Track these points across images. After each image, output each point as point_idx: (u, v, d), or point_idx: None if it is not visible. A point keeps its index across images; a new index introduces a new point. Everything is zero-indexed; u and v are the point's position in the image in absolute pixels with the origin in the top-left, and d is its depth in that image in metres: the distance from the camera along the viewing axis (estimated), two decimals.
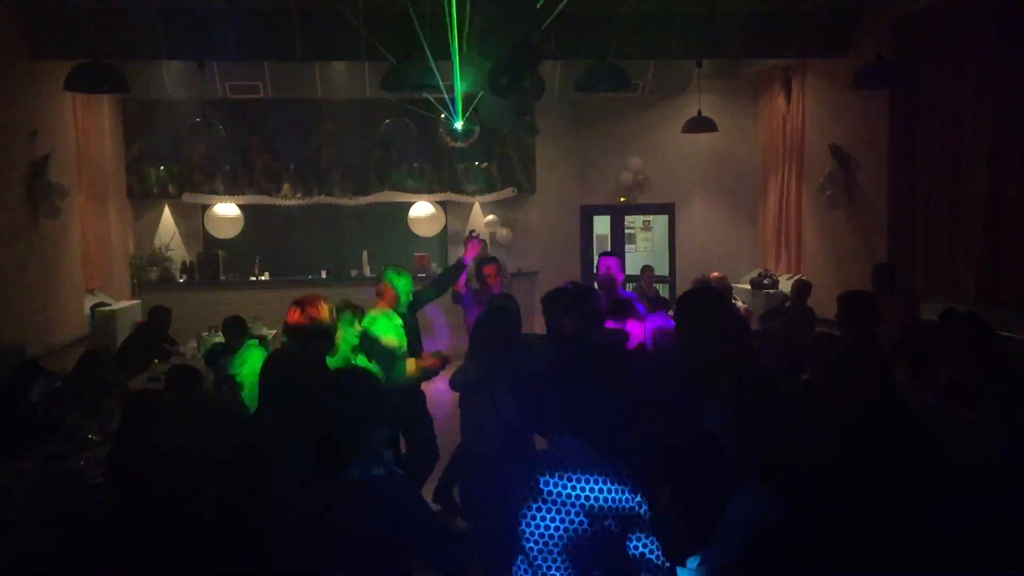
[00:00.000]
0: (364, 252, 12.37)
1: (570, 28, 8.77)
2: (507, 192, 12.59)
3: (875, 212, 9.29)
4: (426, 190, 12.44)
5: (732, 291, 9.91)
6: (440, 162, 12.42)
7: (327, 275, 12.16)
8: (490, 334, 4.39)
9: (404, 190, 12.38)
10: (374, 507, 2.83)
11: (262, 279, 12.14)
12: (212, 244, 12.29)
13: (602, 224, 13.27)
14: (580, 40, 8.86)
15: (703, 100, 10.80)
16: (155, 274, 11.76)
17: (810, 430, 3.28)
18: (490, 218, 12.52)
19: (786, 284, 10.68)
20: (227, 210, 12.03)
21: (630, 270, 10.35)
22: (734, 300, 9.35)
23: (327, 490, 2.87)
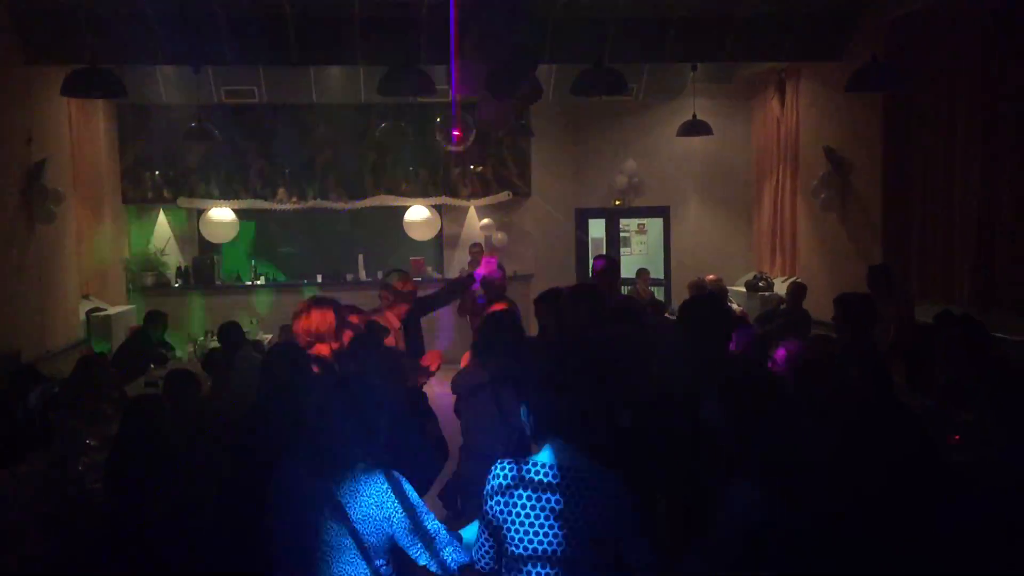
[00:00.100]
0: (360, 256, 12.37)
1: (565, 32, 8.80)
2: (502, 196, 12.59)
3: (869, 214, 9.31)
4: (421, 194, 12.43)
5: (728, 293, 9.93)
6: (435, 166, 12.42)
7: (322, 279, 12.16)
8: (494, 337, 4.39)
9: (399, 194, 12.38)
10: (371, 507, 2.84)
11: (257, 283, 12.14)
12: (207, 249, 12.27)
13: (597, 227, 13.29)
14: (575, 44, 8.88)
15: (697, 104, 10.84)
16: (150, 279, 11.72)
17: (808, 430, 3.30)
18: (485, 222, 12.52)
19: (781, 287, 10.70)
20: (222, 215, 12.02)
21: (625, 273, 10.36)
22: (730, 303, 9.37)
23: (326, 491, 2.87)
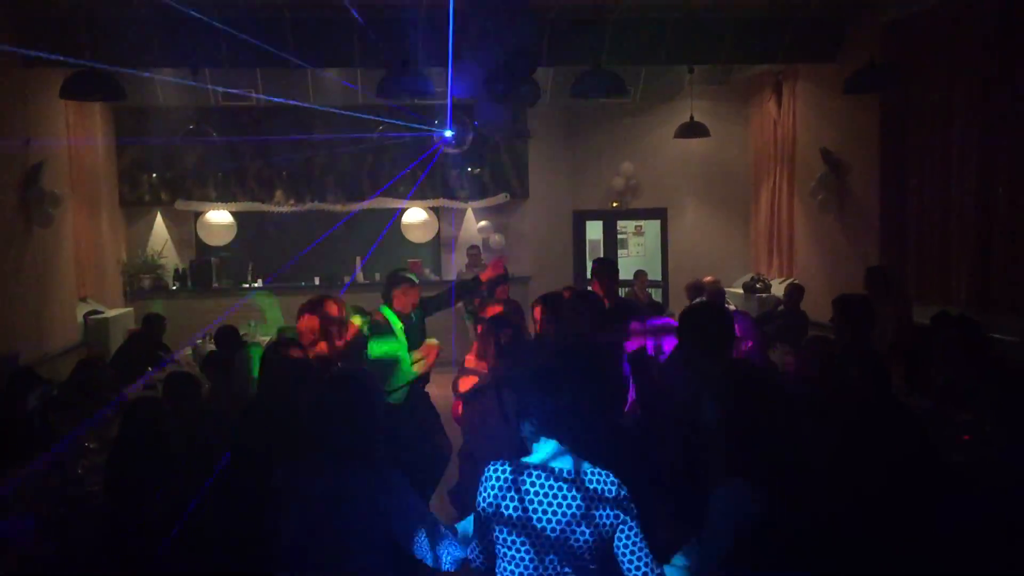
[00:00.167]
0: (357, 258, 12.37)
1: (562, 35, 8.82)
2: (500, 198, 12.60)
3: (867, 216, 9.32)
4: (419, 196, 12.44)
5: (725, 295, 9.95)
6: (433, 168, 12.43)
7: (320, 281, 12.16)
8: (497, 340, 4.38)
9: (397, 196, 12.39)
10: (371, 505, 2.84)
11: (255, 286, 12.12)
12: (205, 251, 12.27)
13: (595, 229, 13.30)
14: (572, 47, 8.90)
15: (695, 106, 10.87)
16: (148, 282, 11.72)
17: (806, 430, 3.30)
18: (483, 224, 12.53)
19: (778, 288, 10.72)
20: (220, 217, 12.02)
21: (623, 275, 10.36)
22: (727, 304, 9.39)
23: (327, 488, 2.87)
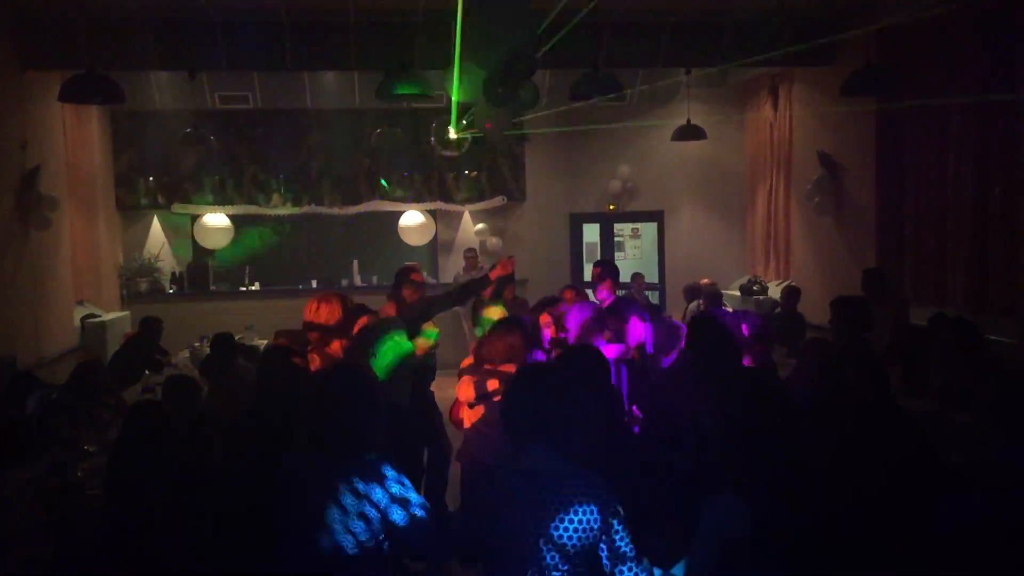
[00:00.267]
0: (355, 261, 12.37)
1: (560, 37, 8.81)
2: (497, 201, 12.60)
3: (863, 218, 9.35)
4: (416, 199, 12.44)
5: (722, 297, 9.96)
6: (430, 171, 12.43)
7: (317, 284, 12.14)
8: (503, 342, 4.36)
9: (394, 199, 12.39)
10: (367, 497, 2.85)
11: (252, 289, 12.12)
12: (202, 254, 12.26)
13: (591, 232, 13.31)
14: (570, 49, 8.89)
15: (691, 108, 10.87)
16: (144, 285, 11.70)
17: (803, 433, 3.31)
18: (480, 227, 12.53)
19: (775, 290, 10.74)
20: (217, 220, 12.01)
21: (620, 278, 10.36)
22: (724, 307, 9.40)
23: (327, 481, 2.88)
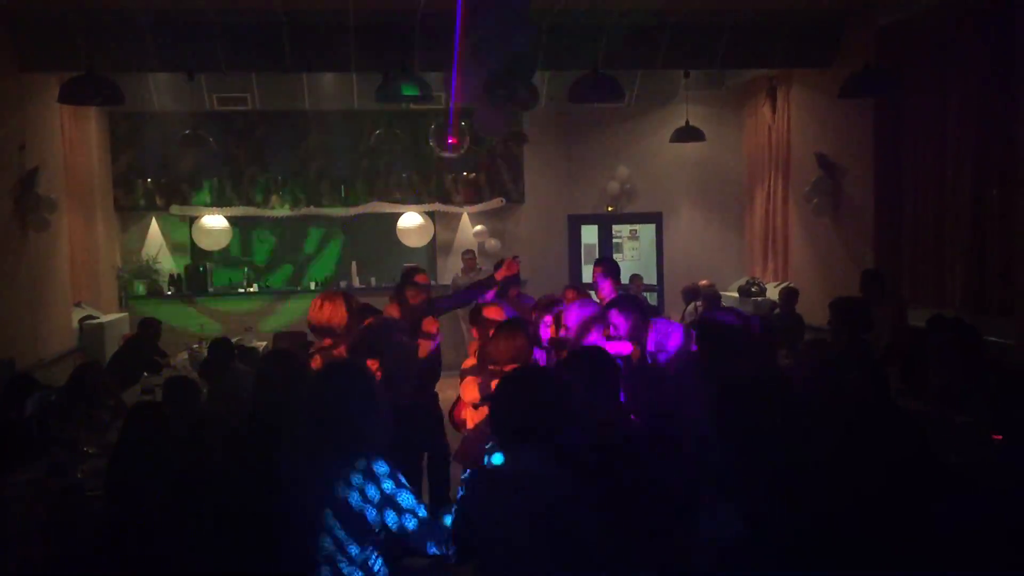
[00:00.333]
0: (353, 263, 12.37)
1: (558, 39, 8.84)
2: (495, 202, 12.60)
3: (861, 219, 9.37)
4: (415, 201, 12.43)
5: (721, 299, 9.97)
6: (428, 172, 12.43)
7: (315, 286, 12.14)
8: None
9: (392, 201, 12.39)
10: (361, 494, 2.85)
11: (250, 291, 12.12)
12: (200, 256, 12.25)
13: (590, 233, 13.32)
14: (568, 51, 8.92)
15: (690, 110, 10.90)
16: (143, 287, 11.70)
17: (802, 433, 3.31)
18: (478, 228, 12.53)
19: (773, 291, 10.74)
20: (215, 222, 12.00)
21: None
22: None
23: (325, 478, 2.89)
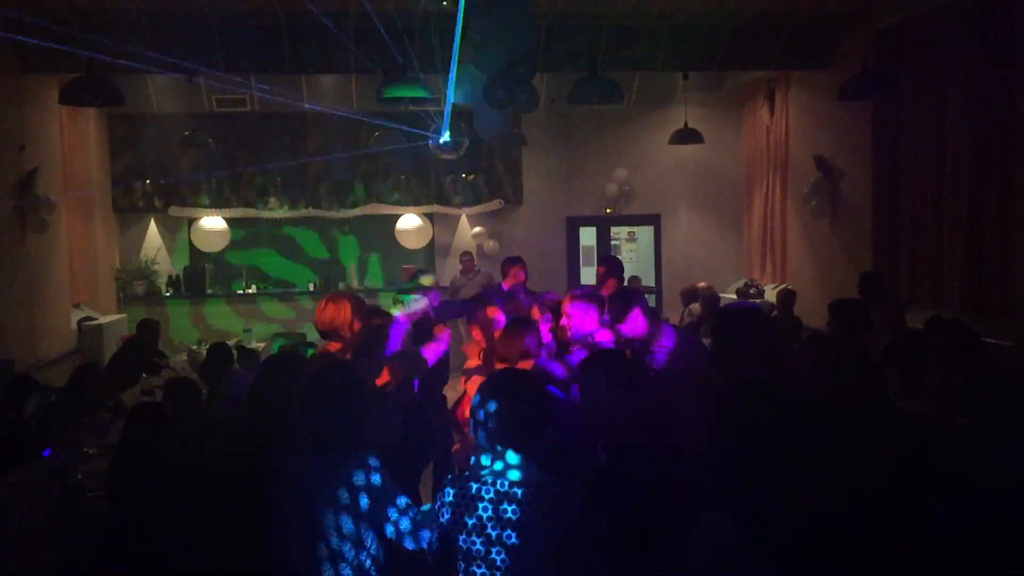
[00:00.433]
0: (351, 264, 12.37)
1: (557, 41, 8.86)
2: (494, 204, 12.61)
3: (860, 221, 9.39)
4: (413, 202, 12.44)
5: (719, 301, 9.97)
6: (427, 174, 12.43)
7: (314, 287, 12.15)
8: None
9: (391, 202, 12.39)
10: (355, 492, 2.88)
11: (249, 292, 12.12)
12: (199, 257, 12.25)
13: (588, 235, 13.33)
14: (567, 53, 8.94)
15: (688, 112, 10.92)
16: (141, 288, 11.70)
17: (802, 434, 3.31)
18: (477, 230, 12.54)
19: (771, 293, 10.76)
20: (214, 223, 12.00)
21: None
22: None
23: (321, 476, 2.90)
